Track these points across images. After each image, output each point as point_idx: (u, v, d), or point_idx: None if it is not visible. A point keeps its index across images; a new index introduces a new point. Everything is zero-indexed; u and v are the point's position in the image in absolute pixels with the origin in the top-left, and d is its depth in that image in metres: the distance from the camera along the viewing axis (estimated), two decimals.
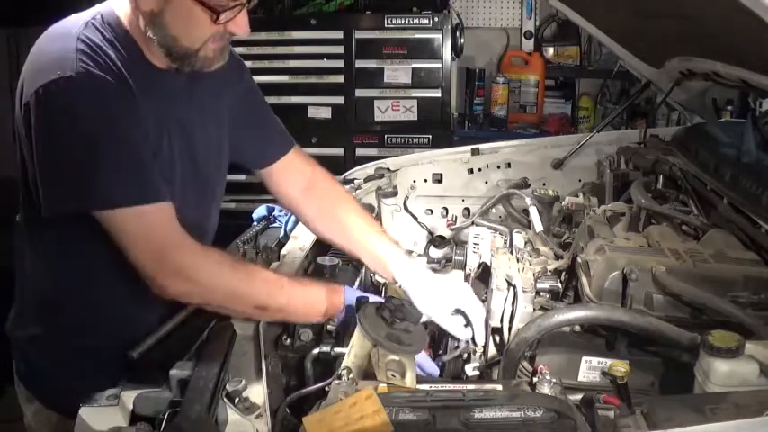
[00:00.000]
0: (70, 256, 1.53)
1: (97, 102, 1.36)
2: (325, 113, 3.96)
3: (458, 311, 1.55)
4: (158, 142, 1.48)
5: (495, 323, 1.55)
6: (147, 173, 1.41)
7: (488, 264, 1.77)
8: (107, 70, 1.38)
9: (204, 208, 1.68)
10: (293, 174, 1.81)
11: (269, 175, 1.81)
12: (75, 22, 1.44)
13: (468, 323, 1.55)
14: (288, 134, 1.83)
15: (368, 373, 1.32)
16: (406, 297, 1.59)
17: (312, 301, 1.50)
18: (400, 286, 1.65)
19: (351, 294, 1.53)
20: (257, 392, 1.25)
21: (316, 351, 1.48)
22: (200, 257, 1.42)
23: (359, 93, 3.93)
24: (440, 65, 3.87)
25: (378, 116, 3.94)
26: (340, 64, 3.91)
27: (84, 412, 1.20)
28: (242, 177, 4.10)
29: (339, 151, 3.98)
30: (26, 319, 1.62)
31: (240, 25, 1.43)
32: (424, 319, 1.47)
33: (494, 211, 2.34)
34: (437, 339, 1.64)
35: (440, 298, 1.56)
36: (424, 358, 1.45)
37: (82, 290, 1.55)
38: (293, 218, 2.04)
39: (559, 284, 1.64)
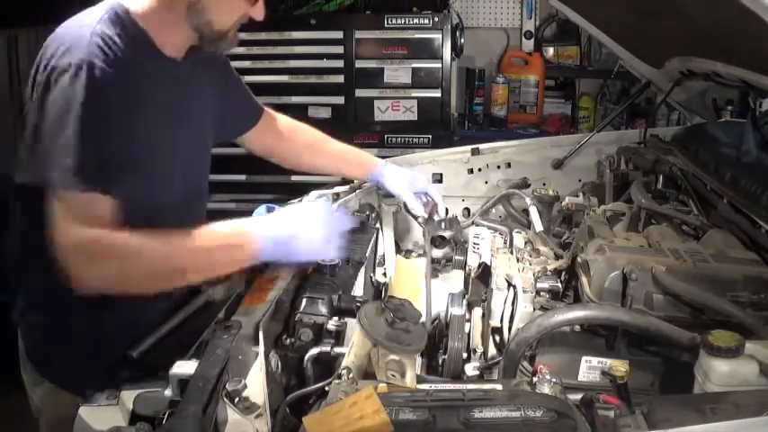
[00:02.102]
0: None
1: (95, 95, 1.40)
2: (325, 113, 3.95)
3: (419, 193, 2.06)
4: (169, 133, 1.58)
5: (495, 323, 1.55)
6: (109, 166, 1.42)
7: (488, 264, 1.77)
8: (115, 64, 1.43)
9: (198, 189, 1.78)
10: (268, 131, 2.02)
11: (247, 139, 2.00)
12: (91, 18, 1.49)
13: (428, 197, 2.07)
14: (255, 98, 2.00)
15: (368, 373, 1.32)
16: (381, 184, 2.07)
17: (233, 253, 1.48)
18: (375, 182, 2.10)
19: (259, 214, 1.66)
20: (257, 392, 1.24)
21: (316, 351, 1.48)
22: (113, 239, 1.39)
23: (359, 93, 3.92)
24: (440, 65, 3.86)
25: (378, 116, 3.94)
26: (340, 64, 3.90)
27: (84, 412, 1.19)
28: (242, 177, 4.11)
29: None
30: (35, 306, 1.63)
31: (260, 11, 1.60)
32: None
33: (494, 211, 2.34)
34: (437, 339, 1.65)
35: (406, 182, 2.06)
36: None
37: None
38: None
39: (559, 284, 1.64)
